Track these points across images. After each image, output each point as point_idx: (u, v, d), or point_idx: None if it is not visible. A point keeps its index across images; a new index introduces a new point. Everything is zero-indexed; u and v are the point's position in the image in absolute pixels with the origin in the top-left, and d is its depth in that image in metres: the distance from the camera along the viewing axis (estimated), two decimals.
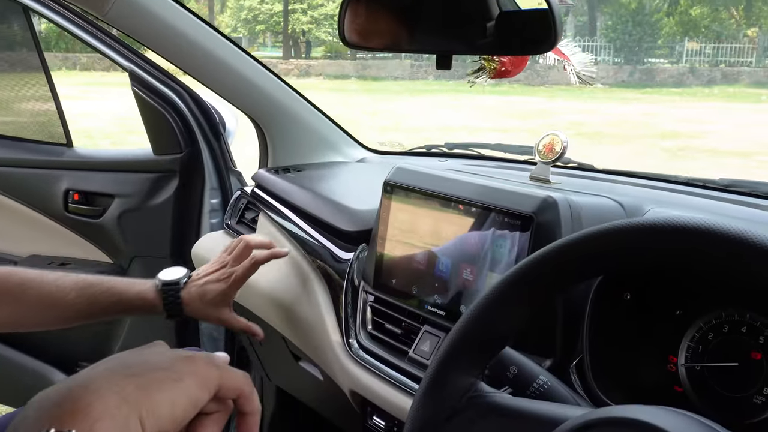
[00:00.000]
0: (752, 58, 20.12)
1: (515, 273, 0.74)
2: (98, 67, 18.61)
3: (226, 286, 1.23)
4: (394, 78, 19.57)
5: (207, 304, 1.24)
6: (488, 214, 1.03)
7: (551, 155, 1.17)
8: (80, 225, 2.12)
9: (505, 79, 1.21)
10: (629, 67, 19.56)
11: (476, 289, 1.04)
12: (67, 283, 1.20)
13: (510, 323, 0.77)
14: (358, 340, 1.20)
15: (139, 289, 1.24)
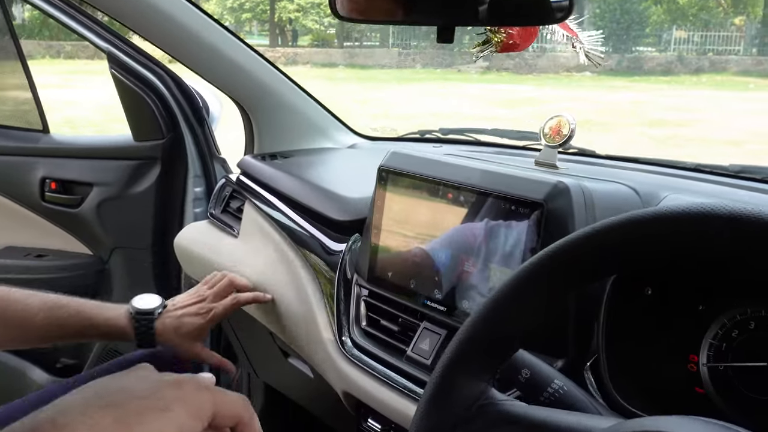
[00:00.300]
0: (740, 47, 20.11)
1: (531, 267, 0.66)
2: (82, 56, 18.35)
3: (203, 321, 1.22)
4: (382, 66, 19.43)
5: (182, 336, 1.21)
6: (492, 202, 0.94)
7: (558, 138, 1.09)
8: (57, 215, 2.03)
9: (498, 69, 1.12)
10: (617, 55, 19.48)
11: (478, 282, 0.96)
12: (35, 304, 1.15)
13: (524, 323, 0.69)
14: (351, 337, 1.12)
15: (109, 315, 1.19)
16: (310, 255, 1.29)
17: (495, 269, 0.94)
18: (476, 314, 0.69)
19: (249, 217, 1.52)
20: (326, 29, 23.46)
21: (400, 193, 1.08)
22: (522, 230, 0.90)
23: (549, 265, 0.65)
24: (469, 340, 0.69)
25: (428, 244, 1.04)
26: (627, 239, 0.61)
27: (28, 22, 19.50)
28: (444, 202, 1.02)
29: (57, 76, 13.68)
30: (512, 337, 0.70)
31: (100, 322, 1.17)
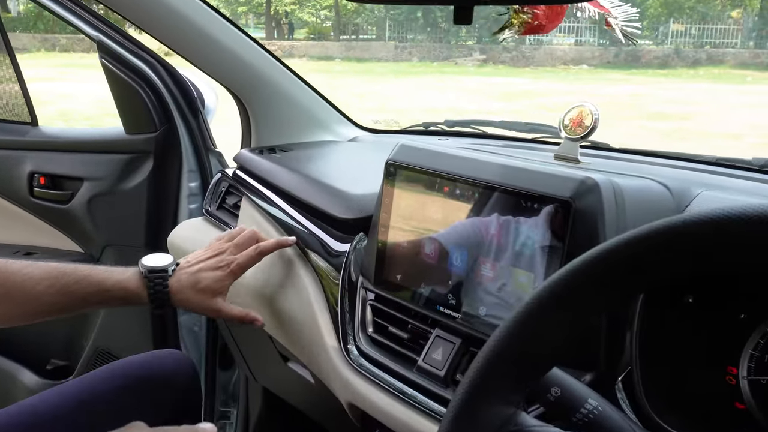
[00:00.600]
0: (737, 39, 20.06)
1: (571, 272, 0.58)
2: (78, 49, 18.23)
3: (223, 274, 1.13)
4: (378, 59, 19.32)
5: (199, 292, 1.12)
6: (513, 199, 0.87)
7: (580, 130, 1.01)
8: (46, 211, 1.94)
9: (495, 62, 1.04)
10: (614, 48, 19.42)
11: (497, 287, 0.89)
12: (36, 273, 1.08)
13: (560, 337, 0.61)
14: (357, 345, 1.04)
15: (119, 278, 1.11)
16: (311, 255, 1.21)
17: (516, 273, 0.86)
18: (504, 329, 0.61)
19: (246, 214, 1.44)
20: (322, 22, 23.38)
21: (410, 189, 1.01)
22: (546, 231, 0.83)
23: (598, 269, 0.57)
24: (496, 358, 0.61)
25: (441, 244, 0.97)
26: (676, 247, 0.53)
27: (23, 15, 19.37)
28: (457, 199, 0.94)
29: (52, 69, 13.59)
30: (545, 355, 0.62)
31: (110, 286, 1.10)
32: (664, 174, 1.02)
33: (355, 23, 22.85)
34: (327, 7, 22.76)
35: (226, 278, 1.13)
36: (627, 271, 0.55)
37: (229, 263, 1.13)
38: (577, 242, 0.80)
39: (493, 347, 0.62)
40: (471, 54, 19.52)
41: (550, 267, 0.82)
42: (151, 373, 1.28)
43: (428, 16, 20.46)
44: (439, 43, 20.48)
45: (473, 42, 20.48)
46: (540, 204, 0.83)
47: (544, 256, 0.83)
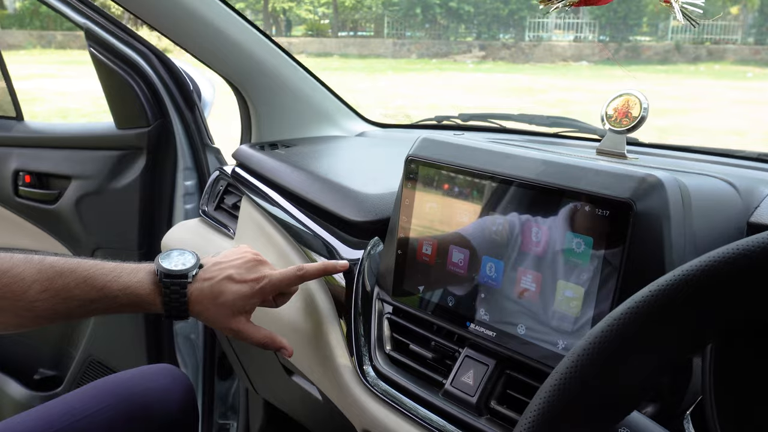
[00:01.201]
0: (737, 36, 19.95)
1: (662, 291, 0.47)
2: (74, 45, 18.08)
3: (251, 291, 0.92)
4: (377, 56, 19.18)
5: (220, 306, 0.91)
6: (559, 201, 0.75)
7: (626, 122, 0.89)
8: (32, 211, 1.83)
9: (495, 58, 0.91)
10: (614, 44, 19.30)
11: (539, 303, 0.77)
12: (27, 272, 0.87)
13: (645, 375, 0.49)
14: (374, 365, 0.92)
15: (128, 281, 0.91)
16: (320, 260, 1.09)
17: (561, 286, 0.74)
18: (570, 362, 0.50)
19: (246, 215, 1.32)
20: (320, 19, 23.23)
21: (434, 188, 0.88)
22: (599, 238, 0.71)
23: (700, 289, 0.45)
24: (560, 401, 0.49)
25: (471, 252, 0.85)
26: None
27: (19, 12, 19.22)
28: (490, 200, 0.82)
29: (48, 66, 13.45)
30: (627, 395, 0.50)
31: (116, 291, 0.90)
32: (719, 171, 0.90)
33: (353, 20, 22.68)
34: (325, 4, 22.61)
35: (253, 295, 0.92)
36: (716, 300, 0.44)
37: (261, 278, 0.93)
38: (637, 251, 0.68)
39: (555, 387, 0.50)
40: (470, 50, 19.37)
41: (605, 281, 0.70)
42: (144, 390, 1.17)
43: (427, 13, 20.31)
44: (437, 39, 20.34)
45: (472, 38, 20.34)
46: (592, 206, 0.71)
47: (597, 267, 0.71)
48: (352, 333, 0.96)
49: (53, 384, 1.95)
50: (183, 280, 0.91)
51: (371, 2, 21.43)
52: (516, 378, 0.80)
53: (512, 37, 19.88)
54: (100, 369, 1.85)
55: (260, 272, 0.93)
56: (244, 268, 0.93)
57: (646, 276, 0.69)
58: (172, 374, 1.23)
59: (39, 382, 1.95)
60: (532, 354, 0.77)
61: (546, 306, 0.76)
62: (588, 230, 0.72)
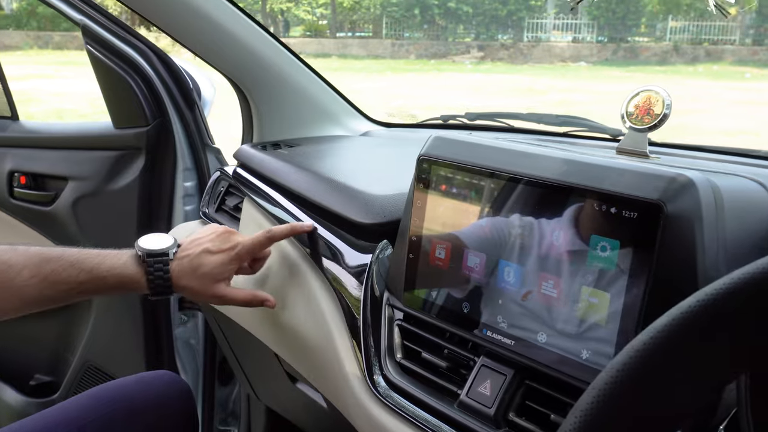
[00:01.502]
0: (735, 36, 19.95)
1: (711, 301, 0.43)
2: (71, 46, 18.05)
3: (227, 257, 1.00)
4: (375, 56, 19.15)
5: (201, 277, 0.99)
6: (583, 202, 0.71)
7: (648, 119, 0.85)
8: (28, 213, 1.79)
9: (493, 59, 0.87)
10: (613, 45, 19.29)
11: (562, 309, 0.72)
12: (18, 259, 0.93)
13: (691, 394, 0.45)
14: (384, 374, 0.88)
15: (113, 263, 0.97)
16: (325, 265, 1.05)
17: (586, 292, 0.70)
18: (611, 376, 0.46)
19: (249, 217, 1.28)
20: (318, 20, 23.21)
21: (448, 189, 0.84)
22: (628, 241, 0.67)
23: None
24: (600, 421, 0.45)
25: (487, 256, 0.81)
26: None
27: (16, 12, 19.18)
28: (508, 202, 0.78)
29: (46, 66, 13.41)
30: (671, 416, 0.46)
31: (103, 272, 0.96)
32: (750, 172, 0.86)
33: (352, 21, 22.65)
34: (323, 5, 22.58)
35: (230, 262, 1.00)
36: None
37: (234, 246, 1.00)
38: (668, 256, 0.64)
39: (593, 404, 0.46)
40: (468, 51, 19.35)
41: (632, 287, 0.66)
42: (143, 397, 1.14)
43: (425, 14, 20.28)
44: (436, 40, 20.31)
45: (471, 39, 20.32)
46: (619, 207, 0.67)
47: (624, 273, 0.67)
48: (361, 341, 0.92)
49: (50, 390, 1.91)
50: (165, 258, 0.98)
51: (369, 3, 21.40)
52: (536, 389, 0.75)
53: (511, 37, 19.86)
54: (98, 375, 1.81)
55: (233, 241, 1.01)
56: (218, 240, 1.01)
57: (677, 282, 0.65)
58: (172, 381, 1.20)
59: (35, 389, 1.91)
60: (554, 363, 0.73)
61: (568, 313, 0.72)
62: (614, 233, 0.68)
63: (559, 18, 20.42)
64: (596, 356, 0.69)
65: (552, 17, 20.57)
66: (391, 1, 20.78)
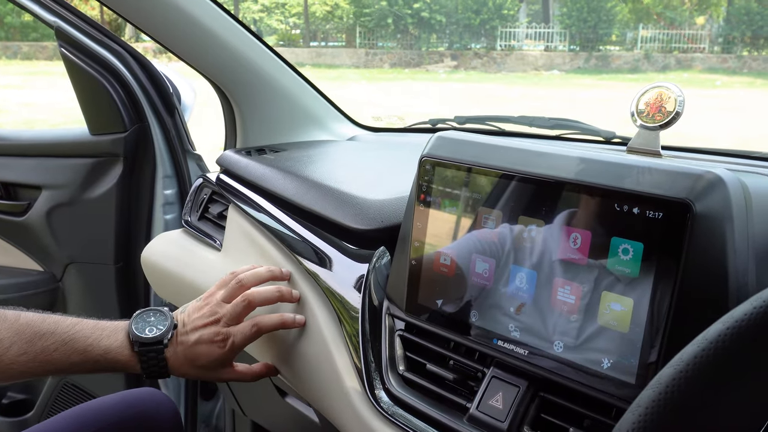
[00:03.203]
0: (705, 45, 20.24)
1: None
2: (41, 56, 17.83)
3: (222, 352, 0.93)
4: (349, 66, 19.13)
5: (201, 368, 0.94)
6: (602, 203, 0.66)
7: (660, 117, 0.81)
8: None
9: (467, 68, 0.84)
10: (585, 53, 19.47)
11: (581, 317, 0.68)
12: (5, 334, 0.85)
13: (745, 412, 0.41)
14: (387, 388, 0.83)
15: (108, 344, 0.90)
16: (319, 275, 1.00)
17: (606, 298, 0.66)
18: (654, 398, 0.41)
19: (235, 225, 1.23)
20: (291, 29, 23.15)
21: (454, 191, 0.80)
22: (653, 243, 0.63)
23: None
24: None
25: (497, 261, 0.76)
26: None
27: None
28: (519, 203, 0.74)
29: (14, 77, 13.21)
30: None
31: (98, 354, 0.89)
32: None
33: (324, 30, 22.63)
34: (296, 15, 22.53)
35: (225, 355, 0.93)
36: None
37: (225, 339, 0.93)
38: (696, 257, 0.60)
39: (644, 418, 0.41)
40: (442, 60, 19.41)
41: (658, 292, 0.62)
42: (130, 416, 1.08)
43: (399, 23, 20.32)
44: (409, 49, 20.34)
45: (444, 48, 20.39)
46: (642, 207, 0.63)
47: (649, 277, 0.63)
48: (361, 354, 0.87)
49: (23, 409, 1.83)
50: (158, 347, 0.91)
51: (342, 13, 21.40)
52: (551, 401, 0.71)
53: (484, 46, 19.95)
54: (75, 392, 1.74)
55: (224, 332, 0.93)
56: (212, 331, 0.93)
57: (706, 286, 0.61)
58: (157, 399, 1.14)
59: (7, 407, 1.83)
60: (572, 374, 0.68)
61: (588, 321, 0.68)
62: (637, 235, 0.64)
63: (531, 27, 20.58)
64: (618, 366, 0.65)
65: (524, 26, 20.72)
66: (364, 11, 20.78)
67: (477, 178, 0.78)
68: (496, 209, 0.76)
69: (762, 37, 18.83)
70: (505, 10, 19.97)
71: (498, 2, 19.77)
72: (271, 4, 22.53)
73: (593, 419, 0.68)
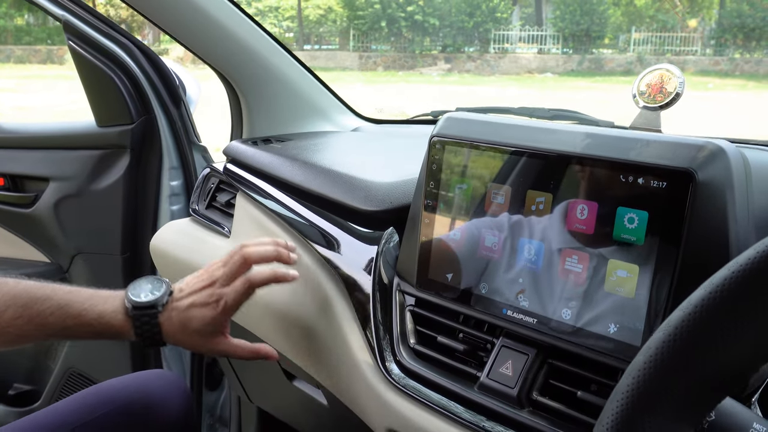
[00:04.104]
0: (697, 47, 20.35)
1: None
2: (34, 60, 17.81)
3: (215, 313, 0.91)
4: (343, 68, 19.17)
5: (193, 334, 0.92)
6: (607, 174, 0.69)
7: (660, 98, 0.84)
8: (6, 216, 1.74)
9: (460, 71, 0.87)
10: (578, 56, 19.55)
11: (589, 284, 0.71)
12: (3, 299, 0.87)
13: (759, 341, 0.44)
14: (398, 360, 0.86)
15: (102, 309, 0.90)
16: (329, 254, 1.02)
17: (613, 266, 0.69)
18: (666, 335, 0.44)
19: (243, 212, 1.25)
20: (285, 32, 23.18)
21: (463, 169, 0.83)
22: (657, 212, 0.65)
23: None
24: (659, 381, 0.44)
25: (506, 234, 0.79)
26: None
27: None
28: (529, 178, 0.77)
29: (9, 80, 13.19)
30: (731, 373, 0.45)
31: (91, 319, 0.89)
32: None
33: (318, 34, 22.66)
34: (289, 18, 22.56)
35: (218, 318, 0.91)
36: None
37: (219, 299, 0.92)
38: (699, 224, 0.63)
39: (651, 364, 0.44)
40: (436, 63, 19.46)
41: (663, 258, 0.65)
42: (142, 396, 1.10)
43: (392, 26, 20.37)
44: (403, 52, 20.39)
45: (437, 51, 20.43)
46: (646, 177, 0.66)
47: (654, 244, 0.66)
48: (372, 330, 0.90)
49: (30, 399, 1.85)
50: (152, 311, 0.91)
51: (336, 16, 21.43)
52: (559, 367, 0.74)
53: (477, 49, 20.00)
54: (82, 381, 1.75)
55: (216, 294, 0.92)
56: (206, 293, 0.92)
57: (709, 252, 0.64)
58: (169, 380, 1.16)
59: (14, 398, 1.85)
60: (580, 340, 0.71)
61: (595, 288, 0.70)
62: (642, 204, 0.66)
63: (524, 30, 20.64)
64: (624, 331, 0.68)
65: (518, 29, 20.79)
66: (357, 14, 20.81)
67: (485, 155, 0.80)
68: (504, 184, 0.79)
69: (754, 40, 18.92)
70: (498, 13, 20.04)
71: (491, 5, 19.83)
72: (264, 7, 22.56)
73: (600, 383, 0.70)
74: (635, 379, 0.45)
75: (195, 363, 1.71)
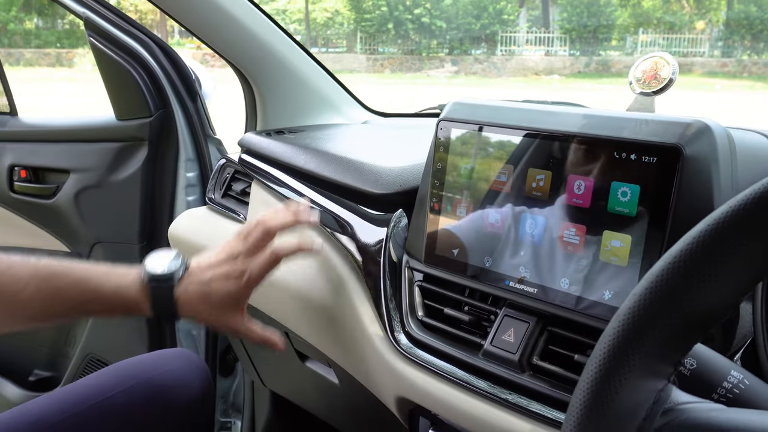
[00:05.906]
0: (704, 49, 20.35)
1: (742, 206, 0.47)
2: (43, 63, 17.96)
3: (237, 287, 0.92)
4: (351, 71, 19.25)
5: (212, 307, 0.92)
6: (603, 152, 0.75)
7: (655, 83, 0.90)
8: (28, 207, 1.79)
9: (467, 73, 0.92)
10: (585, 58, 19.58)
11: (584, 255, 0.76)
12: (23, 273, 0.88)
13: (727, 294, 0.49)
14: (407, 331, 0.91)
15: (118, 283, 0.91)
16: (342, 237, 1.08)
17: (608, 237, 0.74)
18: (654, 278, 0.49)
19: (258, 199, 1.31)
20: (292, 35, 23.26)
21: (469, 149, 0.88)
22: (648, 185, 0.71)
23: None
24: (646, 318, 0.49)
25: (509, 211, 0.84)
26: None
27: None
28: (531, 157, 0.82)
29: (20, 83, 13.28)
30: (708, 312, 0.50)
31: (108, 293, 0.90)
32: None
33: (325, 36, 22.76)
34: (297, 21, 22.66)
35: (240, 292, 0.93)
36: None
37: (242, 273, 0.92)
38: (686, 196, 0.68)
39: (638, 305, 0.49)
40: (443, 65, 19.52)
41: (653, 228, 0.70)
42: (162, 373, 1.14)
43: (399, 29, 20.45)
44: (410, 55, 20.46)
45: (444, 53, 20.50)
46: (638, 153, 0.71)
47: (645, 215, 0.71)
48: (383, 304, 0.95)
49: (49, 385, 1.91)
50: (169, 283, 0.91)
51: (343, 19, 21.52)
52: (558, 334, 0.79)
53: (484, 52, 20.06)
54: (101, 366, 1.81)
55: (240, 266, 0.93)
56: (227, 267, 0.93)
57: (695, 222, 0.69)
58: (189, 359, 1.21)
59: (35, 384, 1.91)
60: (578, 306, 0.76)
61: (591, 258, 0.76)
62: (635, 178, 0.72)
63: (531, 32, 20.68)
64: (618, 296, 0.73)
65: (525, 31, 20.83)
66: (364, 17, 20.89)
67: (490, 136, 0.86)
68: (507, 163, 0.84)
69: (762, 41, 18.91)
70: (505, 15, 20.09)
71: (498, 7, 19.89)
72: (272, 10, 22.66)
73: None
74: (621, 322, 0.50)
75: (210, 349, 1.76)
